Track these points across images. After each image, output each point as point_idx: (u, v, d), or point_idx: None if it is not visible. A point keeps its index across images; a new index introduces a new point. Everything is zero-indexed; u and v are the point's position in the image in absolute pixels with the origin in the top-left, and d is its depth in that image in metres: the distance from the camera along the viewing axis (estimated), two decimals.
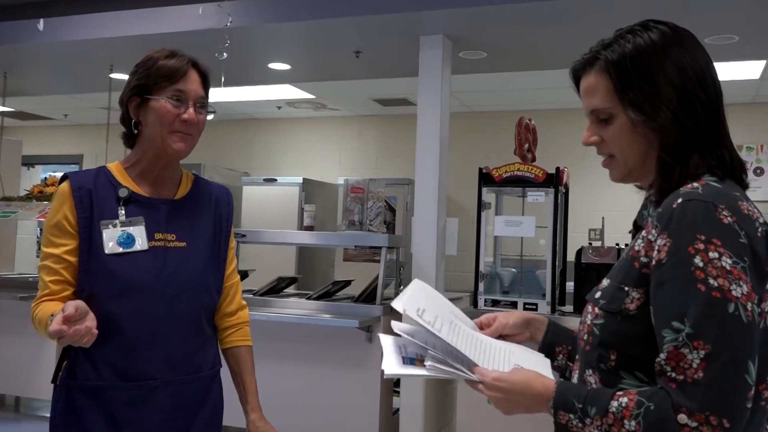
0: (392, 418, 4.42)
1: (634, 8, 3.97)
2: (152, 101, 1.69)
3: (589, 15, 4.17)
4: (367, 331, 4.26)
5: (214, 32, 4.60)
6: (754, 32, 4.33)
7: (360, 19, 4.41)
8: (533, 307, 4.12)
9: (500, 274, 4.53)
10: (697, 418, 1.00)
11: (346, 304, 4.51)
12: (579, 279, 4.04)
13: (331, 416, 4.33)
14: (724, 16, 4.06)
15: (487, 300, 4.26)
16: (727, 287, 1.03)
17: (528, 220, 4.19)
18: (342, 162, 8.28)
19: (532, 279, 4.40)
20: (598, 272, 3.99)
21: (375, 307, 4.31)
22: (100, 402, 1.61)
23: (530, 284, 4.40)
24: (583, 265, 4.03)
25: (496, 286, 4.47)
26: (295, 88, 6.81)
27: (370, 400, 4.27)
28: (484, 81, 6.11)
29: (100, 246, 1.65)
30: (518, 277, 4.46)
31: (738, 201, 1.11)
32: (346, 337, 4.30)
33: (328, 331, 4.34)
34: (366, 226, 4.52)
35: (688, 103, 1.18)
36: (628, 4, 3.96)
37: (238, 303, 1.90)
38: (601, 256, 4.05)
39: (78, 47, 5.21)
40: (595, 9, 4.08)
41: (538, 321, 1.43)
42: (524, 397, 1.16)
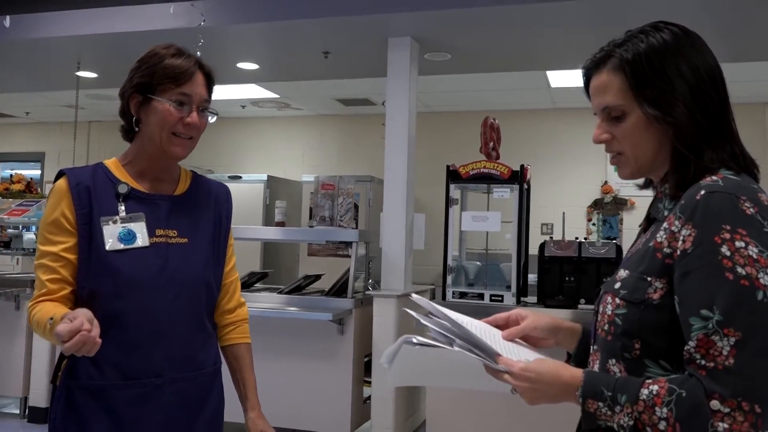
0: (364, 406, 4.37)
1: (585, 14, 4.02)
2: (155, 102, 1.59)
3: (546, 21, 4.20)
4: (339, 323, 4.21)
5: (184, 31, 4.47)
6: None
7: (330, 20, 4.35)
8: (499, 299, 4.12)
9: (466, 267, 4.52)
10: (729, 404, 0.98)
11: (318, 297, 4.44)
12: (543, 271, 4.06)
13: (306, 405, 4.26)
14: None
15: (455, 292, 4.24)
16: (755, 275, 1.02)
17: (494, 215, 4.19)
18: (305, 160, 8.20)
19: (496, 272, 4.40)
20: (560, 265, 4.02)
21: (346, 300, 4.25)
22: (103, 401, 1.51)
23: (494, 277, 4.41)
24: (547, 258, 4.05)
25: (462, 279, 4.46)
26: (260, 88, 6.69)
27: (342, 390, 4.21)
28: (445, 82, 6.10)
29: (101, 243, 1.55)
30: (483, 270, 4.46)
31: (758, 193, 1.10)
32: (318, 329, 4.24)
33: (301, 324, 4.26)
34: (337, 221, 4.46)
35: (701, 100, 1.17)
36: (579, 10, 3.99)
37: (237, 300, 1.82)
38: (562, 250, 4.07)
39: (44, 45, 5.00)
40: (551, 15, 4.11)
41: (568, 329, 1.36)
42: (552, 386, 1.13)
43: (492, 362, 1.17)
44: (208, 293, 1.69)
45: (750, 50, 4.73)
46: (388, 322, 4.22)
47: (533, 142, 7.10)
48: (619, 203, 7.04)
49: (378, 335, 4.24)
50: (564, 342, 1.36)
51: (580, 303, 3.95)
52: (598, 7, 3.94)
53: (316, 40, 4.71)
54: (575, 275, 3.98)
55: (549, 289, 4.04)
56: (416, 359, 1.25)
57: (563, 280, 4.00)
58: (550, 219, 7.10)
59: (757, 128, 6.87)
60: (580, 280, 3.99)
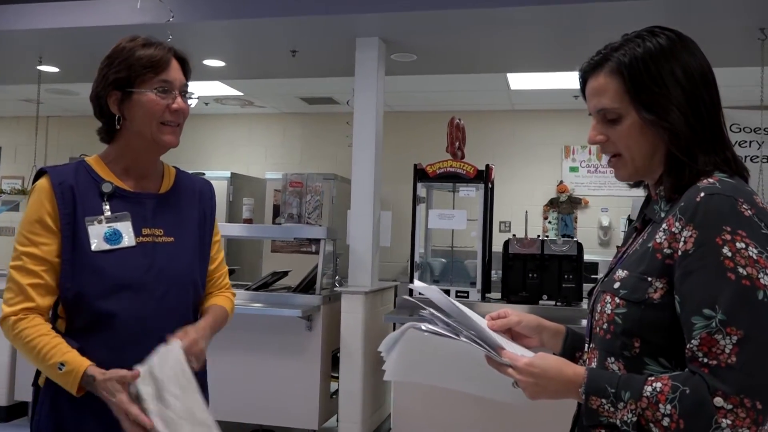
0: (331, 401, 4.33)
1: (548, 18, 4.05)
2: (137, 94, 1.51)
3: (510, 24, 4.22)
4: (308, 319, 4.15)
5: (151, 27, 4.32)
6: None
7: (299, 19, 4.27)
8: (465, 295, 4.14)
9: (431, 263, 4.53)
10: (732, 401, 0.98)
11: (286, 294, 4.38)
12: (506, 268, 4.08)
13: (275, 401, 4.20)
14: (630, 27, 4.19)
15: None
16: (756, 275, 1.02)
17: (460, 213, 4.20)
18: (268, 157, 8.08)
19: (461, 268, 4.42)
20: (524, 262, 4.05)
21: (315, 297, 4.20)
22: (89, 401, 1.43)
23: (459, 273, 4.42)
24: (511, 255, 4.07)
25: (427, 275, 4.46)
26: (224, 85, 6.56)
27: (310, 385, 4.16)
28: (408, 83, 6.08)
29: (86, 243, 1.47)
30: (449, 266, 4.47)
31: (753, 195, 1.10)
32: (287, 325, 4.18)
33: (270, 320, 4.19)
34: (305, 218, 4.40)
35: (695, 104, 1.16)
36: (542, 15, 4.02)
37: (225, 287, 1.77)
38: (525, 247, 4.10)
39: (6, 37, 4.78)
40: (514, 19, 4.13)
41: (553, 329, 1.36)
42: (554, 382, 1.11)
43: (497, 355, 1.16)
44: (195, 291, 1.63)
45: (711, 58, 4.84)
46: (356, 318, 4.19)
47: (493, 142, 7.14)
48: (574, 202, 7.15)
49: (346, 331, 4.20)
50: (548, 342, 1.36)
51: (542, 299, 3.99)
52: (555, 14, 3.97)
53: (284, 38, 4.63)
54: (538, 272, 4.02)
55: (513, 285, 4.07)
56: (419, 348, 1.23)
57: (526, 276, 4.04)
58: (507, 217, 7.15)
59: None
60: (543, 277, 4.03)
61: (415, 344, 1.21)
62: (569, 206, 7.13)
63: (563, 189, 7.18)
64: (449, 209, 4.28)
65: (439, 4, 4.06)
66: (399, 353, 1.25)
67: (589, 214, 7.19)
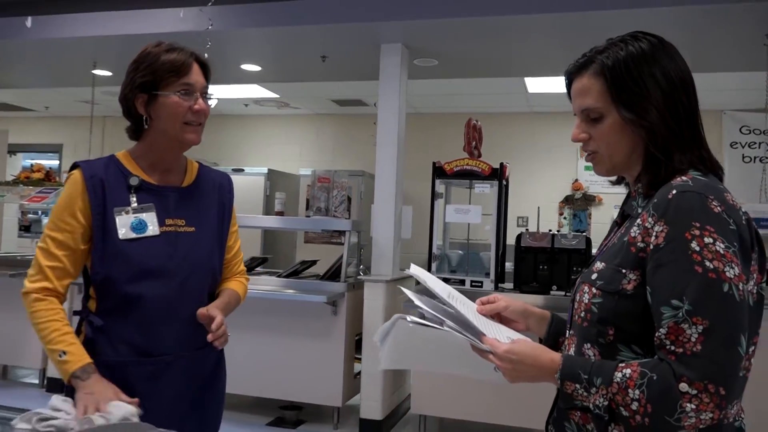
0: (354, 381, 4.36)
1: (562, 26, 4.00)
2: (162, 97, 1.54)
3: (525, 31, 4.18)
4: (333, 305, 4.19)
5: (193, 34, 4.39)
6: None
7: (328, 27, 4.30)
8: (479, 285, 4.12)
9: (449, 255, 4.52)
10: (696, 387, 0.97)
11: (314, 281, 4.42)
12: (519, 260, 4.06)
13: (302, 380, 4.25)
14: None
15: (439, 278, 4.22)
16: (722, 269, 1.00)
17: (475, 208, 4.18)
18: (302, 155, 8.14)
19: (476, 260, 4.40)
20: (535, 255, 4.02)
21: (339, 284, 4.23)
22: (120, 376, 1.48)
23: (475, 264, 4.41)
24: (523, 248, 4.04)
25: (445, 266, 4.46)
26: (261, 88, 6.62)
27: (335, 366, 4.20)
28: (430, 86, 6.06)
29: (114, 232, 1.51)
30: (465, 258, 4.46)
31: (724, 193, 1.09)
32: (313, 311, 4.22)
33: (297, 305, 4.24)
34: (332, 212, 4.43)
35: (673, 106, 1.15)
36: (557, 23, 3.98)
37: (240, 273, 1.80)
38: (537, 241, 4.07)
39: (63, 44, 4.91)
40: (530, 26, 4.09)
41: (539, 315, 1.36)
42: (532, 368, 1.11)
43: (478, 342, 1.16)
44: (213, 277, 1.67)
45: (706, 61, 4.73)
46: (378, 305, 4.21)
47: (511, 143, 7.09)
48: (588, 199, 7.06)
49: (368, 316, 4.23)
50: (534, 327, 1.36)
51: (552, 289, 3.96)
52: (571, 21, 3.92)
53: (315, 44, 4.66)
54: (548, 264, 3.99)
55: (524, 277, 4.04)
56: (408, 338, 1.23)
57: (537, 268, 4.01)
58: (525, 213, 7.10)
59: (714, 134, 6.89)
60: (553, 269, 3.99)
61: (406, 334, 1.21)
62: (584, 203, 7.04)
63: (578, 187, 7.09)
64: (465, 204, 4.26)
65: (459, 13, 4.05)
66: (391, 343, 1.25)
67: (602, 210, 7.09)
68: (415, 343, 1.26)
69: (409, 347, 1.27)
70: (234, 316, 1.72)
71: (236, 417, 4.40)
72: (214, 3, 4.10)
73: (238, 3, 4.41)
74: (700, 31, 4.09)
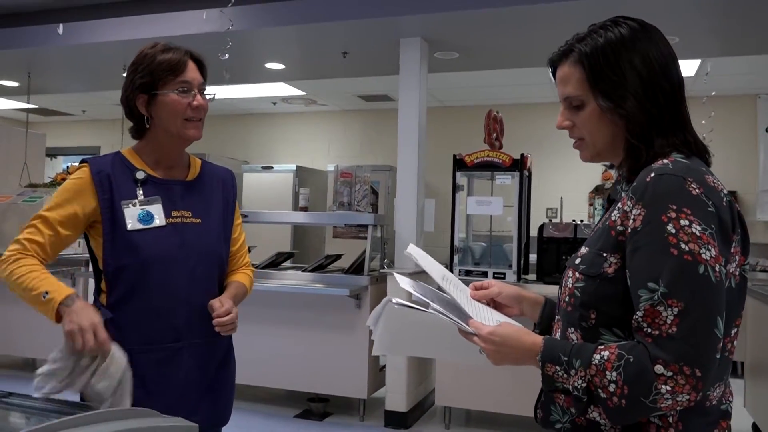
0: (379, 374, 4.40)
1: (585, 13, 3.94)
2: (161, 96, 1.59)
3: (547, 20, 4.13)
4: (357, 298, 4.23)
5: (216, 35, 4.48)
6: (693, 34, 4.32)
7: (347, 23, 4.33)
8: (501, 276, 4.11)
9: (472, 247, 4.51)
10: (672, 368, 0.97)
11: (338, 275, 4.46)
12: (541, 251, 4.03)
13: (328, 372, 4.30)
14: (668, 19, 4.04)
15: (461, 270, 4.23)
16: (697, 251, 1.00)
17: (496, 200, 4.16)
18: (330, 151, 8.20)
19: (499, 252, 4.38)
20: (557, 245, 3.98)
21: (363, 278, 4.27)
22: (131, 364, 1.54)
23: (498, 256, 4.39)
24: (545, 239, 4.01)
25: (468, 258, 4.45)
26: (288, 86, 6.70)
27: (360, 358, 4.24)
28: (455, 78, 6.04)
29: (123, 224, 1.57)
30: (488, 250, 4.44)
31: (705, 175, 1.07)
32: (337, 304, 4.26)
33: (322, 298, 4.29)
34: (354, 206, 4.46)
35: (652, 92, 1.14)
36: (579, 9, 3.92)
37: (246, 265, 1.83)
38: (560, 231, 4.03)
39: (94, 49, 5.06)
40: (551, 15, 4.04)
41: (533, 299, 1.36)
42: (515, 350, 1.12)
43: (463, 324, 1.17)
44: (219, 266, 1.71)
45: (740, 45, 4.61)
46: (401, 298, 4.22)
47: (538, 133, 7.00)
48: None
49: None
50: (528, 311, 1.36)
51: None
52: (594, 7, 3.86)
53: (335, 41, 4.70)
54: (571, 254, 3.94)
55: (547, 268, 4.01)
56: (398, 321, 1.24)
57: (560, 259, 3.97)
58: (554, 204, 7.02)
59: (749, 118, 6.70)
60: None
61: (395, 318, 1.22)
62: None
63: (608, 177, 6.97)
64: (487, 196, 4.25)
65: (477, 4, 4.03)
66: (383, 328, 1.26)
67: None
68: (405, 327, 1.27)
69: (399, 331, 1.28)
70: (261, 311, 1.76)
71: (266, 409, 4.49)
72: (234, 4, 4.17)
73: (258, 2, 4.48)
74: (730, 15, 3.99)
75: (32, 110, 7.97)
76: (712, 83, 5.95)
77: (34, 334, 5.03)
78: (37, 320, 5.18)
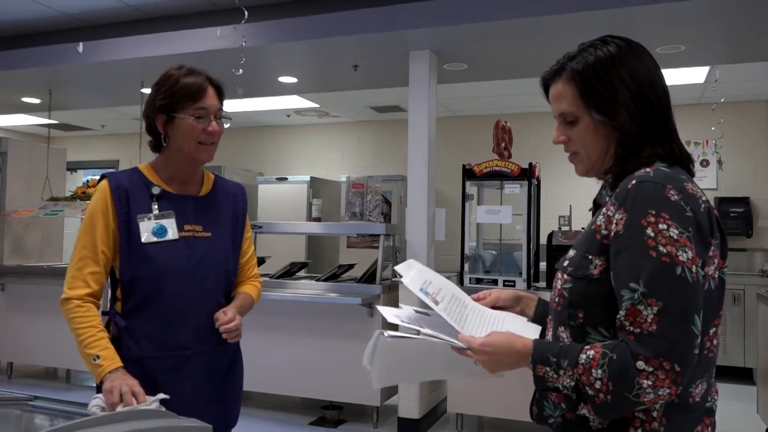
0: None
1: (592, 24, 4.00)
2: (178, 119, 1.68)
3: (554, 31, 4.19)
4: (369, 307, 4.29)
5: (230, 51, 4.60)
6: (699, 42, 4.36)
7: (357, 37, 4.42)
8: (511, 284, 4.15)
9: (482, 256, 4.56)
10: (652, 364, 1.03)
11: (350, 284, 4.54)
12: (550, 259, 4.07)
13: (342, 379, 4.36)
14: (673, 28, 4.08)
15: (472, 278, 4.29)
16: (675, 253, 1.06)
17: (506, 209, 4.22)
18: (343, 162, 8.30)
19: (510, 259, 4.43)
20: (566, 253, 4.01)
21: (375, 287, 4.34)
22: (143, 370, 1.62)
23: (508, 264, 4.44)
24: (554, 247, 4.06)
25: (479, 266, 4.50)
26: (301, 99, 6.81)
27: None
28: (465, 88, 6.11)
29: (138, 236, 1.66)
30: (498, 258, 4.49)
31: (684, 182, 1.13)
32: (350, 312, 4.33)
33: (334, 307, 4.37)
34: (366, 216, 4.54)
35: (642, 104, 1.20)
36: (586, 21, 3.98)
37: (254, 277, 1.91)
38: (569, 239, 4.08)
39: (113, 66, 5.21)
40: (559, 26, 4.10)
41: (528, 298, 1.44)
42: (507, 356, 1.17)
43: (454, 342, 1.20)
44: (228, 278, 1.79)
45: (749, 52, 4.63)
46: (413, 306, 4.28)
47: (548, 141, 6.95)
48: None
49: None
50: (527, 309, 1.43)
51: None
52: (600, 18, 3.92)
53: (346, 54, 4.79)
54: None
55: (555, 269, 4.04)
56: (392, 352, 1.24)
57: None
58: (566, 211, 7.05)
59: (760, 124, 6.68)
60: None
61: (390, 351, 1.24)
62: None
63: None
64: (497, 205, 4.30)
65: (485, 17, 4.10)
66: (379, 363, 1.26)
67: None
68: (401, 357, 1.28)
69: (396, 361, 1.29)
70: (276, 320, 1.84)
71: (281, 417, 4.56)
72: (247, 21, 4.29)
73: (271, 19, 4.59)
74: (739, 22, 4.02)
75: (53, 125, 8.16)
76: (723, 89, 5.97)
77: (55, 344, 5.16)
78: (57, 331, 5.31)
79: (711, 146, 6.56)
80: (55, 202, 5.70)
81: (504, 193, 4.35)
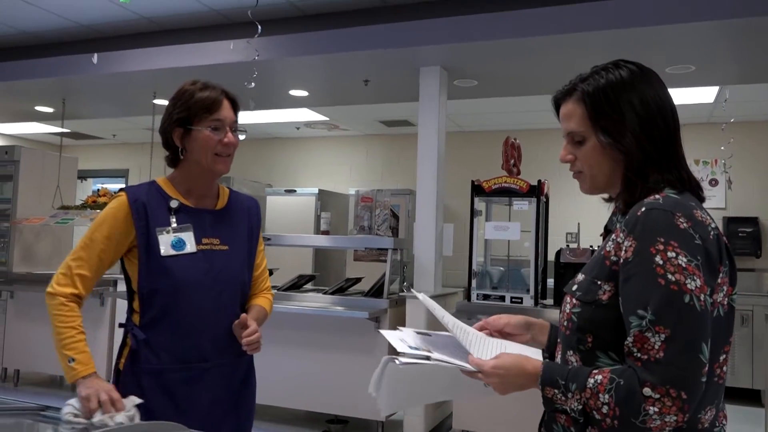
0: None
1: (601, 44, 4.03)
2: (195, 131, 1.71)
3: (563, 50, 4.23)
4: (376, 321, 4.30)
5: (243, 65, 4.66)
6: (708, 63, 4.38)
7: (369, 52, 4.47)
8: (519, 301, 4.16)
9: (490, 272, 4.57)
10: (659, 391, 1.04)
11: (357, 298, 4.55)
12: (558, 276, 4.08)
13: (347, 393, 4.36)
14: (683, 49, 4.11)
15: (479, 294, 4.29)
16: (683, 281, 1.07)
17: (514, 225, 4.23)
18: (352, 175, 8.33)
19: (517, 276, 4.44)
20: (574, 270, 4.00)
21: (382, 301, 4.35)
22: (162, 382, 1.64)
23: (516, 281, 4.44)
24: (562, 264, 4.06)
25: (486, 282, 4.51)
26: (311, 111, 6.87)
27: None
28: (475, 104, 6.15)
29: (157, 249, 1.68)
30: (506, 274, 4.50)
31: (693, 210, 1.15)
32: (357, 326, 4.34)
33: (341, 321, 4.38)
34: (374, 230, 4.56)
35: (649, 130, 1.22)
36: (595, 41, 4.01)
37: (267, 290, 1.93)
38: (577, 257, 4.08)
39: (126, 77, 5.28)
40: (567, 44, 4.13)
41: (540, 325, 1.44)
42: (518, 378, 1.19)
43: (465, 365, 1.22)
44: (243, 291, 1.82)
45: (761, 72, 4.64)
46: (419, 321, 4.29)
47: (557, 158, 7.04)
48: None
49: None
50: (538, 336, 1.43)
51: None
52: (607, 37, 3.95)
53: (357, 69, 4.84)
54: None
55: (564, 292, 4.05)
56: (402, 378, 1.24)
57: None
58: (574, 229, 7.05)
59: None
60: None
61: (399, 376, 1.23)
62: None
63: None
64: (505, 221, 4.32)
65: (495, 35, 4.14)
66: (387, 389, 1.26)
67: None
68: (410, 381, 1.29)
69: (405, 387, 1.30)
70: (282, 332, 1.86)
71: (286, 430, 4.56)
72: (260, 35, 4.34)
73: (284, 33, 4.65)
74: (748, 43, 4.04)
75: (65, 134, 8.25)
76: (733, 109, 5.97)
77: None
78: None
79: (720, 165, 6.56)
80: (66, 211, 5.76)
81: (512, 209, 4.36)
